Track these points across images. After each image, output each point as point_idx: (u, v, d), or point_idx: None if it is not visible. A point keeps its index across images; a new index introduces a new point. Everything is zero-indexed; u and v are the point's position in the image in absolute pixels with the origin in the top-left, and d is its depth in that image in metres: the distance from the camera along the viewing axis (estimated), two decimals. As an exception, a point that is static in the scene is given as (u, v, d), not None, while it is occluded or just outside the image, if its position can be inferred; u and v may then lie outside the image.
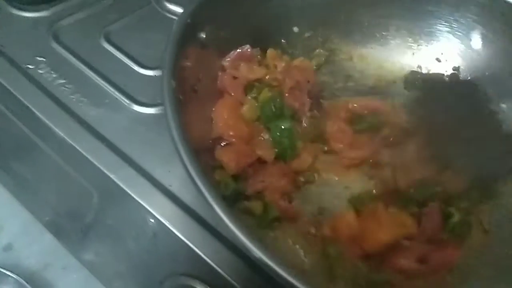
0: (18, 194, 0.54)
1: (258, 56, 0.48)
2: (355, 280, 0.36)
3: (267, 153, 0.43)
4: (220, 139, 0.42)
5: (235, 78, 0.45)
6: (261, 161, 0.44)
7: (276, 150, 0.44)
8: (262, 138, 0.45)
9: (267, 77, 0.47)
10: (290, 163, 0.45)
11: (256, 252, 0.29)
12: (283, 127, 0.44)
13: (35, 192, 0.53)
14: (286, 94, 0.47)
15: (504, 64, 0.51)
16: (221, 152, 0.41)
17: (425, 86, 0.53)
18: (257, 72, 0.47)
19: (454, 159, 0.45)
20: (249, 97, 0.45)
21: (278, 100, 0.45)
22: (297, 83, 0.47)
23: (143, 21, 0.60)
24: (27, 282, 0.48)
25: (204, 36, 0.41)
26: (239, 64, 0.46)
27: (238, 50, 0.47)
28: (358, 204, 0.42)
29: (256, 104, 0.45)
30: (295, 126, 0.46)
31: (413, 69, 0.55)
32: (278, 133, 0.44)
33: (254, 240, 0.29)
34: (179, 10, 0.61)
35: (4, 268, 0.49)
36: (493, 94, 0.51)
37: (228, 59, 0.46)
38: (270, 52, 0.49)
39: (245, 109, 0.44)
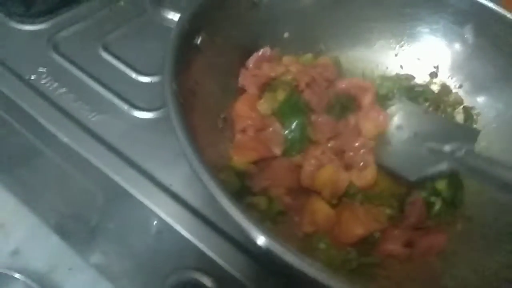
0: (25, 199, 0.56)
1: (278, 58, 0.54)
2: (346, 264, 0.39)
3: (277, 145, 0.47)
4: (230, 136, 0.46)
5: (254, 76, 0.50)
6: (267, 159, 0.47)
7: (287, 143, 0.47)
8: (274, 131, 0.48)
9: (283, 78, 0.51)
10: (296, 159, 0.47)
11: (263, 238, 0.30)
12: (296, 121, 0.48)
13: (41, 196, 0.55)
14: (303, 91, 0.50)
15: (480, 62, 0.54)
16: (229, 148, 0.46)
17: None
18: (278, 70, 0.51)
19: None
20: (267, 93, 0.50)
21: (294, 97, 0.49)
22: (313, 80, 0.51)
23: (139, 30, 0.62)
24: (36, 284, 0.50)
25: (199, 42, 0.44)
26: (261, 63, 0.51)
27: (259, 53, 0.53)
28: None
29: (272, 99, 0.49)
30: (310, 121, 0.49)
31: (393, 70, 0.58)
32: (290, 127, 0.48)
33: (261, 228, 0.30)
34: (174, 18, 0.64)
35: (13, 271, 0.50)
36: (469, 88, 0.54)
37: (252, 59, 0.52)
38: (285, 58, 0.54)
39: (261, 102, 0.49)
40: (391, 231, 0.41)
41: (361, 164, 0.47)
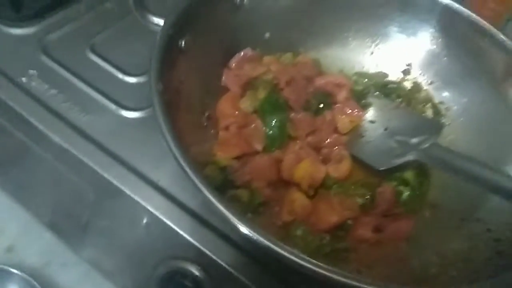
0: (18, 197, 0.58)
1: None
2: (320, 249, 0.42)
3: (258, 142, 0.50)
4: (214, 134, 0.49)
5: (237, 75, 0.53)
6: (249, 154, 0.49)
7: (267, 139, 0.50)
8: (256, 128, 0.51)
9: (264, 77, 0.54)
10: (276, 154, 0.50)
11: (244, 228, 0.33)
12: (276, 118, 0.51)
13: (34, 194, 0.57)
14: (283, 89, 0.53)
15: (449, 59, 0.58)
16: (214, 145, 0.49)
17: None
18: (259, 69, 0.54)
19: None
20: (248, 92, 0.53)
21: (274, 95, 0.52)
22: (292, 78, 0.54)
23: (125, 31, 0.64)
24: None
25: (184, 45, 0.46)
26: (243, 64, 0.54)
27: (241, 53, 0.55)
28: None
29: (253, 98, 0.52)
30: (289, 118, 0.52)
31: (369, 69, 0.61)
32: (271, 124, 0.50)
33: (242, 219, 0.33)
34: (159, 20, 0.65)
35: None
36: (439, 85, 0.58)
37: (234, 60, 0.55)
38: (266, 58, 0.57)
39: (243, 100, 0.52)
40: (362, 218, 0.45)
41: (337, 157, 0.50)
